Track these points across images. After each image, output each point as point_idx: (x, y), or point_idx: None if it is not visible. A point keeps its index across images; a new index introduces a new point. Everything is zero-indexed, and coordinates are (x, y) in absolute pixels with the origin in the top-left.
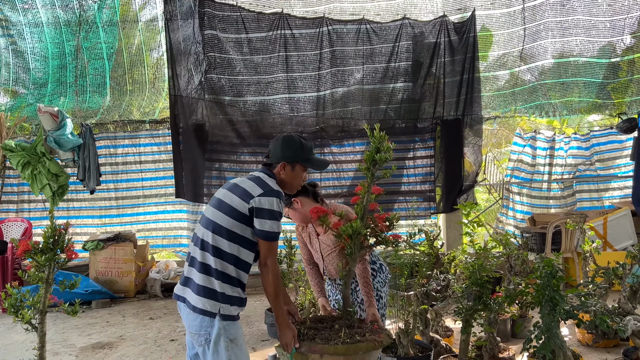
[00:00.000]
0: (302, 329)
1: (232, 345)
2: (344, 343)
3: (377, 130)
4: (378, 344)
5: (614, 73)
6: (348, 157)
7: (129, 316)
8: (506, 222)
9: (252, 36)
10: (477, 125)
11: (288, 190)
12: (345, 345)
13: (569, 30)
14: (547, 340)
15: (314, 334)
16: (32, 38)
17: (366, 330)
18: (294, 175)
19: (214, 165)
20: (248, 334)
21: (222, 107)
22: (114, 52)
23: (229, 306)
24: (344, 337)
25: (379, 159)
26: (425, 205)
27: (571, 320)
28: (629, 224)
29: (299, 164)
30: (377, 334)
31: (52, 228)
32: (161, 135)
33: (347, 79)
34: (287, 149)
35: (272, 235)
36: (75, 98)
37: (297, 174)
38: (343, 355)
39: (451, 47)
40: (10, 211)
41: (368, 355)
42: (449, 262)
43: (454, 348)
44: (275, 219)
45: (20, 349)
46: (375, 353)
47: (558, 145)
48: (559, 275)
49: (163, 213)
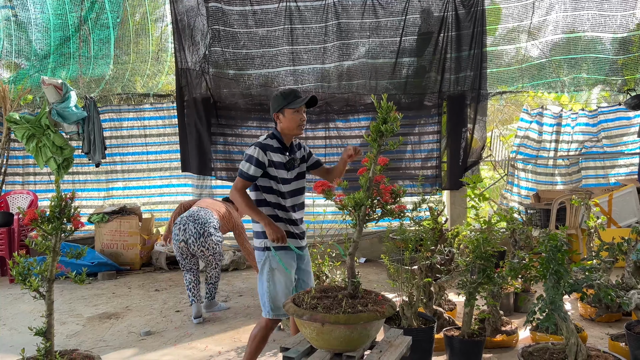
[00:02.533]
0: (305, 298)
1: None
2: (345, 312)
3: (384, 100)
4: (380, 314)
5: (626, 48)
6: (353, 132)
7: (135, 288)
8: (510, 198)
9: (256, 8)
10: (484, 100)
11: (293, 133)
12: (347, 315)
13: (580, 4)
14: (550, 312)
15: (317, 303)
16: (35, 9)
17: (369, 300)
18: (288, 120)
19: (218, 139)
20: (253, 304)
21: (226, 80)
22: (119, 22)
23: (264, 240)
24: (346, 306)
25: (385, 130)
26: (430, 182)
27: (574, 295)
28: (634, 201)
29: (285, 109)
30: (380, 305)
31: (58, 197)
32: (165, 108)
33: (352, 52)
34: (274, 103)
35: (240, 172)
36: (78, 68)
37: (289, 118)
38: (344, 324)
39: (458, 21)
40: (16, 183)
41: (370, 325)
42: (453, 237)
43: (457, 321)
44: (246, 160)
45: (28, 317)
46: (378, 324)
47: (565, 122)
48: (564, 249)
49: (168, 187)
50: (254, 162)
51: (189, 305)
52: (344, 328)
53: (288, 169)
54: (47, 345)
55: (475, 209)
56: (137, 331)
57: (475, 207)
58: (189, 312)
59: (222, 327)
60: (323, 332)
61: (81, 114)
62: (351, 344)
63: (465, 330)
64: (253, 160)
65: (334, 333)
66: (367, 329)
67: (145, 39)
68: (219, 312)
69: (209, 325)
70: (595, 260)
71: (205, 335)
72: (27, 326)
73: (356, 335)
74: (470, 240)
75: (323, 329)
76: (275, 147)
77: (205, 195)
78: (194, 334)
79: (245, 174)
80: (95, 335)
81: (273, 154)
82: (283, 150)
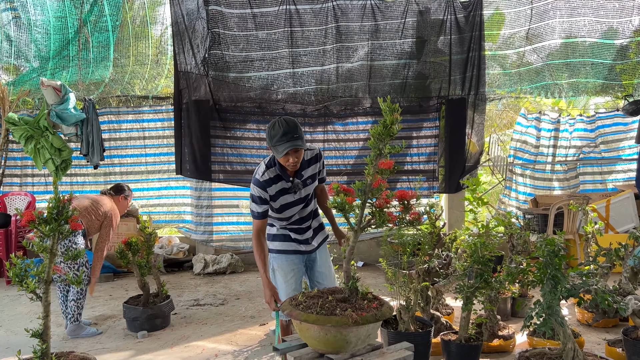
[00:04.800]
0: (300, 297)
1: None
2: (319, 313)
3: (388, 102)
4: (353, 320)
5: (623, 55)
6: (351, 135)
7: (132, 290)
8: (508, 203)
9: (256, 11)
10: (482, 105)
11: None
12: (316, 315)
13: (577, 10)
14: (547, 317)
15: (313, 303)
16: (35, 11)
17: (363, 306)
18: (278, 158)
19: (217, 142)
20: (251, 307)
21: (225, 83)
22: (118, 25)
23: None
24: (332, 308)
25: (387, 134)
26: (428, 185)
27: (571, 300)
28: (632, 206)
29: (272, 148)
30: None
31: (56, 199)
32: (164, 111)
33: (351, 55)
34: (266, 134)
35: (251, 214)
36: (78, 71)
37: (279, 157)
38: (315, 324)
39: (457, 25)
40: (14, 185)
41: (345, 330)
42: (451, 241)
43: (454, 325)
44: (252, 200)
45: (24, 319)
46: (357, 330)
47: (563, 127)
48: (562, 254)
49: (166, 189)
50: (257, 201)
51: (185, 308)
52: (317, 328)
53: (294, 192)
54: (44, 347)
55: (473, 212)
56: (134, 333)
57: (473, 211)
58: (185, 314)
59: (218, 330)
60: (302, 330)
61: (80, 115)
62: (329, 345)
63: (462, 335)
64: (257, 200)
65: (310, 332)
66: (343, 333)
67: (145, 42)
68: None
69: (206, 327)
70: (592, 265)
71: (202, 338)
72: (24, 328)
73: (331, 337)
74: (468, 244)
75: (302, 327)
76: (274, 177)
77: (204, 198)
78: (190, 336)
79: (256, 214)
80: (91, 338)
81: (274, 186)
82: (285, 177)
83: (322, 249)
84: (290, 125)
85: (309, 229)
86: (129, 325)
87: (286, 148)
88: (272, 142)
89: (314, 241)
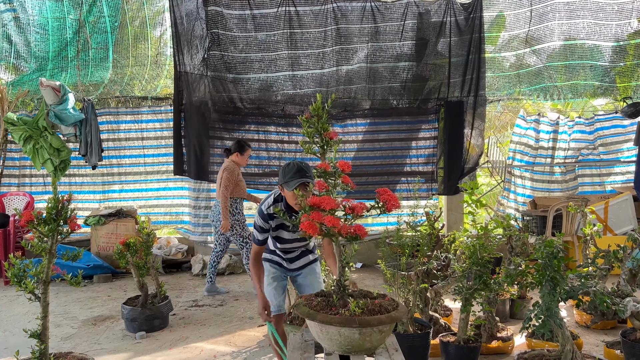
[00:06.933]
0: (301, 300)
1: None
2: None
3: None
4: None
5: (621, 57)
6: (350, 137)
7: (131, 291)
8: (507, 205)
9: (256, 12)
10: (481, 107)
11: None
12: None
13: (576, 13)
14: (546, 319)
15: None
16: (34, 11)
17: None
18: (287, 195)
19: (216, 143)
20: (250, 308)
21: (225, 84)
22: (117, 26)
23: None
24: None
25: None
26: (427, 187)
27: (570, 302)
28: (630, 208)
29: (284, 185)
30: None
31: (55, 199)
32: (163, 112)
33: (351, 57)
34: (279, 174)
35: (252, 238)
36: (77, 72)
37: (288, 194)
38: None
39: (457, 27)
40: (12, 185)
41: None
42: (450, 243)
43: (452, 327)
44: (254, 227)
45: (23, 319)
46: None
47: (562, 129)
48: (560, 256)
49: (165, 190)
50: (259, 230)
51: (184, 309)
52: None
53: (292, 231)
54: (42, 347)
55: (472, 214)
56: (132, 334)
57: (472, 213)
58: (184, 314)
59: (217, 331)
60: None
61: (79, 116)
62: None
63: (461, 336)
64: (258, 228)
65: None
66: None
67: (144, 43)
68: None
69: (204, 328)
70: (591, 267)
71: (201, 339)
72: (22, 328)
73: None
74: (466, 246)
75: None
76: None
77: (203, 199)
78: (189, 337)
79: (256, 240)
80: (90, 338)
81: (276, 219)
82: (289, 213)
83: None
84: (303, 166)
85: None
86: (128, 326)
87: (297, 182)
88: (285, 178)
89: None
